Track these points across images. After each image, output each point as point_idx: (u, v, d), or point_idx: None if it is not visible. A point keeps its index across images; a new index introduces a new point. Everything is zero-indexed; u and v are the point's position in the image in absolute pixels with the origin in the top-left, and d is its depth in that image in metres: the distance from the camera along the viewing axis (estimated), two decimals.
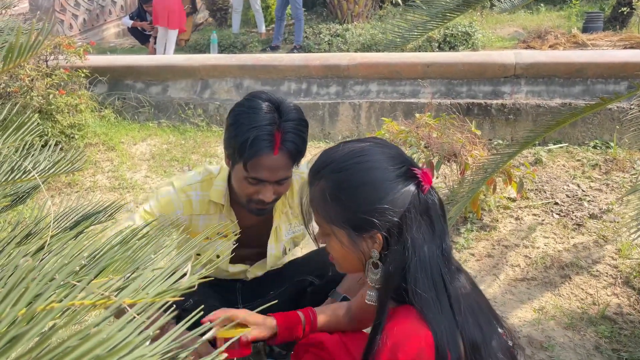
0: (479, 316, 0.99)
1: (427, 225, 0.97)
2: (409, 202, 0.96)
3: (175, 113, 4.27)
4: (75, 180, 3.44)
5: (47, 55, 3.78)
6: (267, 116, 1.36)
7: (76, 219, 0.84)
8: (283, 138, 1.35)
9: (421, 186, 0.98)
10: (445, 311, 0.94)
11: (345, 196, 0.98)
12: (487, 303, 1.08)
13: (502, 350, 0.99)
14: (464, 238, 2.64)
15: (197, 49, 7.41)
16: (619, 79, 3.66)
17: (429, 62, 3.96)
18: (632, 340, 1.98)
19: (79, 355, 0.37)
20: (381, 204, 0.95)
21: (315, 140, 4.04)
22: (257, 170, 1.37)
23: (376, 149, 1.01)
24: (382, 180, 0.96)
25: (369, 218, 0.96)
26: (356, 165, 0.99)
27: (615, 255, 2.44)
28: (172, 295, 0.53)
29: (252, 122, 1.35)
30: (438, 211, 1.00)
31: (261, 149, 1.33)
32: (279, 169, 1.38)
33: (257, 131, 1.33)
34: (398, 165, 0.99)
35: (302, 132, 1.40)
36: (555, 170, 3.24)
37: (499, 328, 1.05)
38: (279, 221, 1.64)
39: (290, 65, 4.17)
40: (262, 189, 1.40)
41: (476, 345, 0.94)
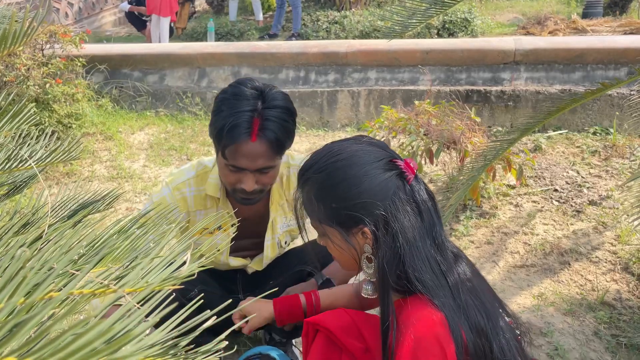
0: (482, 301, 0.99)
1: (415, 214, 0.99)
2: (392, 194, 0.98)
3: (172, 102, 4.24)
4: (73, 169, 3.43)
5: (43, 44, 3.75)
6: (248, 102, 1.33)
7: (74, 208, 0.83)
8: (262, 125, 1.32)
9: (405, 177, 1.00)
10: (448, 296, 0.95)
11: (328, 195, 1.01)
12: (490, 290, 1.08)
13: (511, 337, 1.00)
14: (464, 225, 2.64)
15: (194, 37, 7.36)
16: (619, 64, 3.65)
17: (428, 49, 3.93)
18: (631, 325, 1.99)
19: (79, 346, 0.37)
20: (362, 198, 0.98)
21: (314, 129, 4.03)
22: (235, 157, 1.34)
23: (355, 146, 1.04)
24: (361, 175, 0.98)
25: (353, 213, 0.98)
26: (335, 164, 1.01)
27: (614, 242, 2.44)
28: (172, 284, 0.53)
29: (232, 108, 1.33)
30: (426, 200, 1.01)
31: (238, 136, 1.31)
32: (258, 156, 1.34)
33: (235, 117, 1.31)
34: (378, 159, 1.00)
35: (285, 120, 1.36)
36: (554, 157, 3.24)
37: (505, 316, 1.06)
38: (275, 214, 1.63)
39: (288, 53, 4.14)
40: (243, 178, 1.38)
41: (481, 329, 0.94)
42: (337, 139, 3.82)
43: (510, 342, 0.97)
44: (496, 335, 0.95)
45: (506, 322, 1.03)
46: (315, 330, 1.29)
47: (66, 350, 0.35)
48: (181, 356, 0.55)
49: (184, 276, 0.54)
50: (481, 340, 0.93)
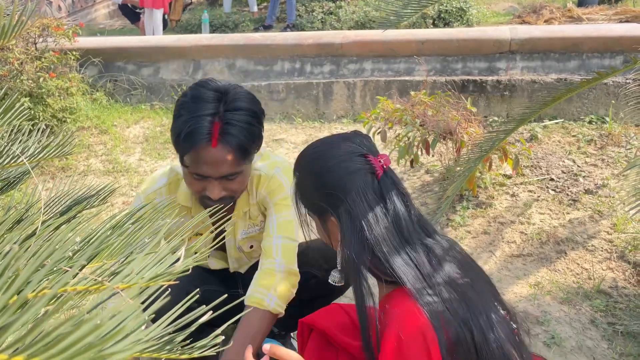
0: (463, 291, 1.00)
1: (381, 208, 1.04)
2: (357, 187, 1.03)
3: (167, 95, 4.22)
4: (69, 164, 3.42)
5: (36, 37, 3.71)
6: (208, 106, 1.25)
7: (68, 204, 0.82)
8: (223, 129, 1.24)
9: (374, 172, 1.06)
10: (424, 286, 0.98)
11: (302, 185, 1.12)
12: (485, 282, 1.08)
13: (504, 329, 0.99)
14: (460, 216, 2.65)
15: (188, 29, 7.31)
16: (614, 53, 3.64)
17: (423, 39, 3.91)
18: (627, 313, 2.01)
19: (72, 342, 0.37)
20: (328, 189, 1.05)
21: (310, 121, 4.02)
22: (196, 164, 1.27)
23: (333, 140, 1.12)
24: (329, 167, 1.06)
25: (320, 203, 1.07)
26: (310, 156, 1.11)
27: (610, 230, 2.45)
28: (167, 279, 0.53)
29: (191, 112, 1.25)
30: (393, 195, 1.05)
31: (196, 141, 1.23)
32: (220, 163, 1.26)
33: (194, 122, 1.23)
34: (349, 153, 1.07)
35: (250, 123, 1.28)
36: (550, 146, 3.24)
37: (500, 308, 1.06)
38: (237, 218, 1.58)
39: (283, 45, 4.12)
40: (208, 186, 1.29)
41: (462, 317, 0.96)
42: (333, 130, 3.83)
43: (498, 333, 0.97)
44: (478, 325, 0.96)
45: (500, 314, 1.03)
46: (310, 330, 1.28)
47: (58, 346, 0.35)
48: (177, 351, 0.55)
49: (178, 271, 0.54)
50: (462, 329, 0.94)
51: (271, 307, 1.39)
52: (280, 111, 4.10)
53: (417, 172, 3.10)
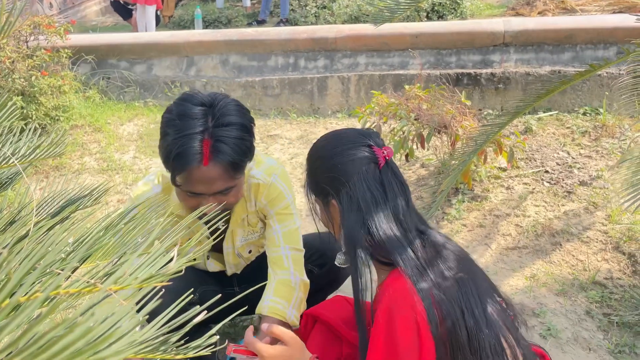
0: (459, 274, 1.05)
1: (381, 195, 1.10)
2: (360, 173, 1.10)
3: (161, 92, 4.20)
4: (63, 163, 3.40)
5: (27, 36, 3.69)
6: (196, 122, 1.21)
7: (61, 204, 0.82)
8: (214, 147, 1.20)
9: (377, 162, 1.12)
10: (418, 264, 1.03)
11: (311, 168, 1.20)
12: (478, 274, 1.10)
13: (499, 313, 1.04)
14: (456, 209, 2.65)
15: (181, 25, 7.27)
16: (608, 44, 3.64)
17: (417, 33, 3.91)
18: (623, 304, 2.02)
19: (65, 346, 0.36)
20: (332, 172, 1.11)
21: (305, 116, 4.01)
22: (189, 183, 1.24)
23: (341, 130, 1.21)
24: (335, 152, 1.13)
25: (324, 185, 1.13)
26: (320, 143, 1.20)
27: (605, 221, 2.46)
28: (160, 281, 0.52)
29: (178, 131, 1.20)
30: (393, 185, 1.12)
31: (188, 162, 1.19)
32: (213, 181, 1.24)
33: (182, 141, 1.19)
34: (355, 142, 1.14)
35: (240, 137, 1.24)
36: (545, 138, 3.24)
37: (496, 296, 1.10)
38: (235, 225, 1.56)
39: (276, 40, 4.11)
40: (202, 201, 1.26)
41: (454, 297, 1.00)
42: (328, 125, 3.82)
43: (490, 315, 1.01)
44: (469, 306, 1.00)
45: (495, 299, 1.08)
46: (314, 321, 1.30)
47: (51, 350, 0.35)
48: (172, 352, 0.55)
49: (171, 272, 0.54)
50: (453, 308, 0.99)
51: (291, 320, 1.41)
52: (274, 107, 4.09)
53: (412, 166, 3.10)
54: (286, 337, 1.13)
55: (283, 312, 1.40)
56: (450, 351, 0.97)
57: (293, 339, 1.13)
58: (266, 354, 1.10)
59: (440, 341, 0.96)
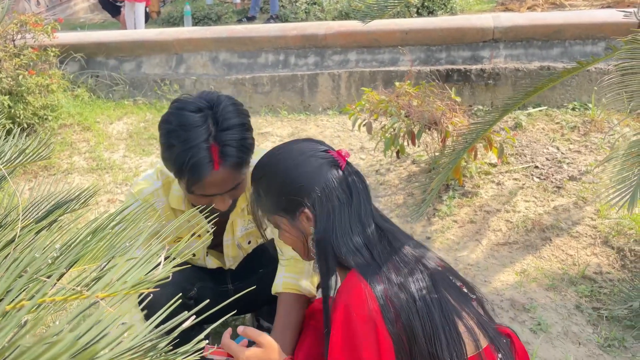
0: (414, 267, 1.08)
1: (346, 196, 1.11)
2: (326, 178, 1.11)
3: (151, 90, 4.18)
4: (52, 163, 3.37)
5: (13, 34, 3.64)
6: (199, 131, 1.23)
7: (48, 208, 0.81)
8: (222, 152, 1.24)
9: (337, 164, 1.14)
10: (374, 264, 1.05)
11: (271, 185, 1.16)
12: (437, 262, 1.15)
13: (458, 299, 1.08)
14: (447, 205, 2.66)
15: (170, 22, 7.22)
16: (596, 39, 3.67)
17: (407, 29, 3.91)
18: (612, 298, 2.04)
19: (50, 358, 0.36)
20: (300, 182, 1.11)
21: (296, 113, 4.00)
22: (203, 189, 1.28)
23: (292, 142, 1.21)
24: (297, 163, 1.13)
25: (293, 197, 1.11)
26: (276, 158, 1.18)
27: (594, 216, 2.48)
28: (147, 287, 0.52)
29: (184, 142, 1.23)
30: (356, 182, 1.14)
31: (200, 172, 1.23)
32: (225, 182, 1.29)
33: (191, 152, 1.22)
34: (313, 149, 1.15)
35: (244, 138, 1.29)
36: (535, 133, 3.26)
37: (456, 281, 1.14)
38: (235, 216, 1.59)
39: (266, 36, 4.09)
40: (214, 199, 1.32)
41: (404, 285, 1.03)
42: (319, 122, 3.81)
43: (445, 304, 1.04)
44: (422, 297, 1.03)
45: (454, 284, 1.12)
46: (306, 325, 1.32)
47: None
48: (161, 357, 0.55)
49: (158, 279, 0.54)
50: (407, 302, 1.01)
51: (307, 290, 1.46)
52: (265, 104, 4.07)
53: (403, 163, 3.11)
54: (262, 340, 1.16)
55: (296, 284, 1.46)
56: (407, 342, 0.99)
57: (269, 341, 1.16)
58: (242, 356, 1.13)
59: (396, 336, 0.98)
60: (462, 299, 1.08)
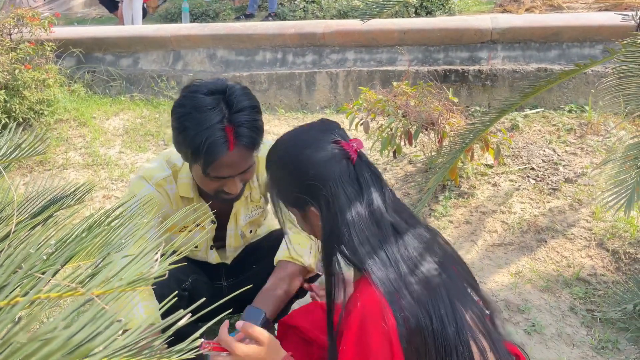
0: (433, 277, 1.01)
1: (356, 193, 1.03)
2: (334, 174, 1.02)
3: (147, 86, 4.16)
4: (47, 158, 3.36)
5: (10, 28, 3.62)
6: (214, 113, 1.27)
7: (44, 204, 0.81)
8: (237, 133, 1.28)
9: (349, 157, 1.04)
10: (389, 271, 0.98)
11: (280, 179, 1.10)
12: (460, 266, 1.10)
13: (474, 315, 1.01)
14: (442, 206, 2.66)
15: (168, 18, 7.19)
16: (594, 42, 3.68)
17: (405, 29, 3.91)
18: (606, 300, 2.05)
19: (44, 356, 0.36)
20: (306, 181, 1.03)
21: (293, 111, 4.00)
22: (218, 170, 1.31)
23: (302, 131, 1.11)
24: (304, 159, 1.04)
25: (301, 195, 1.05)
26: (284, 150, 1.09)
27: (589, 218, 2.49)
28: (144, 284, 0.52)
29: (199, 124, 1.26)
30: (367, 177, 1.05)
31: (216, 152, 1.27)
32: (239, 163, 1.33)
33: (207, 134, 1.25)
34: (323, 141, 1.06)
35: (256, 120, 1.33)
36: (531, 135, 3.27)
37: (474, 295, 1.07)
38: (239, 205, 1.61)
39: (264, 34, 4.08)
40: (226, 183, 1.36)
41: (422, 301, 0.96)
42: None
43: (460, 320, 0.98)
44: (438, 314, 0.97)
45: (472, 299, 1.05)
46: (288, 329, 1.32)
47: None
48: (155, 355, 0.54)
49: (155, 276, 0.53)
50: (422, 317, 0.95)
51: (307, 263, 1.51)
52: (262, 102, 4.04)
53: (400, 163, 3.11)
54: (261, 337, 1.11)
55: (300, 256, 1.50)
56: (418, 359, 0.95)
57: (268, 338, 1.12)
58: (240, 352, 1.09)
59: (409, 353, 0.94)
60: (477, 316, 1.02)
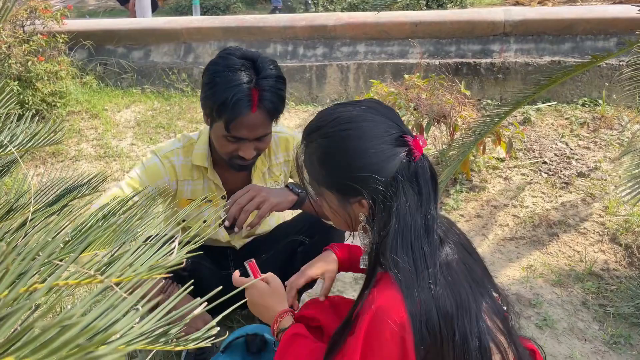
0: (461, 284, 0.97)
1: (414, 193, 0.96)
2: (396, 170, 0.95)
3: (159, 78, 4.17)
4: (60, 149, 3.38)
5: (23, 20, 3.64)
6: (243, 74, 1.36)
7: (59, 193, 0.81)
8: (261, 96, 1.36)
9: (412, 154, 0.96)
10: (422, 281, 0.92)
11: (332, 162, 1.00)
12: (481, 267, 1.07)
13: (495, 314, 0.99)
14: (453, 199, 2.65)
15: (178, 11, 7.20)
16: (608, 35, 3.62)
17: (417, 21, 3.88)
18: (618, 295, 2.03)
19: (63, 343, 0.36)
20: (365, 172, 0.95)
21: (303, 104, 3.99)
22: (238, 129, 1.39)
23: (367, 115, 0.99)
24: (367, 148, 0.96)
25: (354, 185, 0.96)
26: (343, 132, 0.98)
27: (602, 213, 2.46)
28: (160, 272, 0.52)
29: (229, 81, 1.35)
30: (428, 180, 0.98)
31: (240, 110, 1.35)
32: (258, 126, 1.40)
33: (234, 91, 1.34)
34: (388, 133, 0.97)
35: (280, 89, 1.41)
36: (543, 129, 3.24)
37: (493, 292, 1.05)
38: (257, 181, 1.66)
39: (275, 27, 4.07)
40: (242, 146, 1.43)
41: (448, 316, 0.92)
42: None
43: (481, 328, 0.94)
44: (462, 325, 0.92)
45: (492, 298, 1.02)
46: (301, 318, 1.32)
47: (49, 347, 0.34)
48: (172, 343, 0.55)
49: (172, 264, 0.53)
50: (446, 325, 0.91)
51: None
52: None
53: None
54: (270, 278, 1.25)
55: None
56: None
57: (275, 283, 1.24)
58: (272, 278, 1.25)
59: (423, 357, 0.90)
60: (498, 316, 0.99)
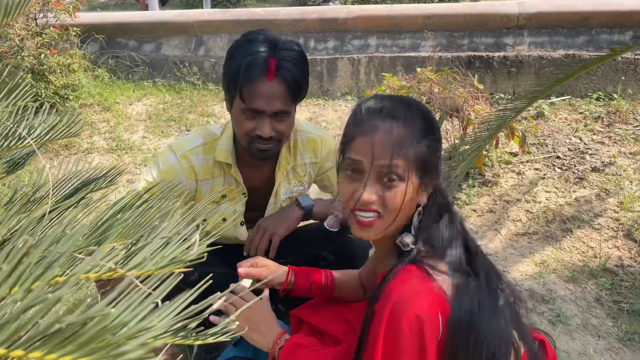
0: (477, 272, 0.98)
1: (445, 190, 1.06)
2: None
3: (170, 71, 4.18)
4: (72, 142, 3.40)
5: (36, 13, 3.66)
6: (262, 45, 1.34)
7: (76, 186, 0.81)
8: (278, 65, 1.32)
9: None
10: (462, 277, 0.94)
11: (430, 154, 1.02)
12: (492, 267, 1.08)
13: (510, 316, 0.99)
14: (466, 194, 2.63)
15: (189, 4, 7.21)
16: (624, 28, 3.57)
17: (429, 14, 3.84)
18: (633, 291, 2.01)
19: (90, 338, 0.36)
20: (439, 163, 1.04)
21: (314, 98, 3.98)
22: (252, 98, 1.33)
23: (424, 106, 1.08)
24: (439, 139, 1.04)
25: (431, 173, 1.01)
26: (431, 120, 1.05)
27: (617, 208, 2.44)
28: (180, 266, 0.52)
29: (246, 52, 1.34)
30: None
31: (255, 74, 1.31)
32: (275, 97, 1.33)
33: (250, 57, 1.32)
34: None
35: (300, 62, 1.36)
36: (557, 123, 3.21)
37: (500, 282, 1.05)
38: (281, 179, 1.61)
39: (286, 20, 4.05)
40: (259, 123, 1.36)
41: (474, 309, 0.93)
42: (337, 107, 3.78)
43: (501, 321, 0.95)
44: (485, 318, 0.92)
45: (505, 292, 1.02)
46: (301, 322, 1.32)
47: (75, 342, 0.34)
48: (191, 337, 0.54)
49: (192, 258, 0.53)
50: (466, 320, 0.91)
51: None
52: None
53: None
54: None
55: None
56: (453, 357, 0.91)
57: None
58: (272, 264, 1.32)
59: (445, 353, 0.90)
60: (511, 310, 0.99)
